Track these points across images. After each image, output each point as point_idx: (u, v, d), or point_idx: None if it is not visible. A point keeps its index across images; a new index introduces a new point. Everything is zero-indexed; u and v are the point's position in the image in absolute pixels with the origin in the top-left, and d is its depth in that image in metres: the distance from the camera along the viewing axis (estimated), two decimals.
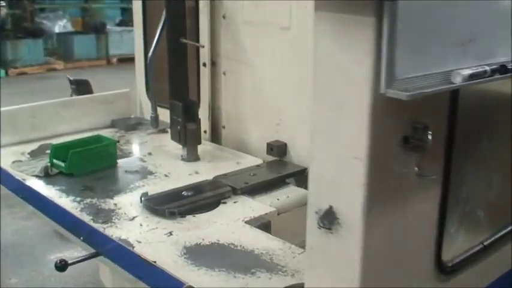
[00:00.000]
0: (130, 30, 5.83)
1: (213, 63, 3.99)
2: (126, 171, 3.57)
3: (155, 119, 3.91)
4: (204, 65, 3.99)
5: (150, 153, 3.86)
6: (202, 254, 2.56)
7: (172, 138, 3.81)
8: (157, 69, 4.03)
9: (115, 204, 3.06)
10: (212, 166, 3.64)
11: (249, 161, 3.71)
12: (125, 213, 2.95)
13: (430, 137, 1.67)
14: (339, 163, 1.64)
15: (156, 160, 3.74)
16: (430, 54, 1.61)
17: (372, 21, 1.48)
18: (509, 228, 2.35)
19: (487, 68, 1.65)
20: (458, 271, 2.10)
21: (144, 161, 3.74)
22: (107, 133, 4.21)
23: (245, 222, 2.89)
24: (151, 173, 3.53)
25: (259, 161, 3.68)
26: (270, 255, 2.56)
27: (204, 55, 3.98)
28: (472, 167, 2.11)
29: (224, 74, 3.97)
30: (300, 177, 3.48)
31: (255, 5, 3.64)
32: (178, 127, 3.68)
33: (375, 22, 1.48)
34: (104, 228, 2.80)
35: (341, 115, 1.61)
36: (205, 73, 4.00)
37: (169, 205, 2.96)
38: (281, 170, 3.48)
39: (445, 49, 1.65)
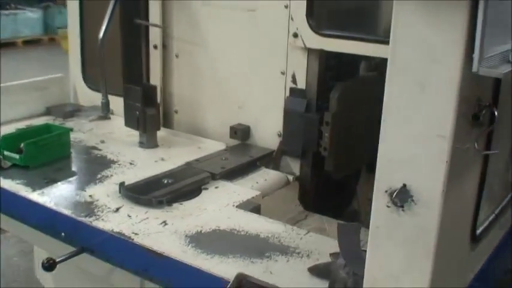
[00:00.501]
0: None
1: (164, 46, 3.83)
2: (85, 161, 3.34)
3: (106, 105, 3.69)
4: (155, 47, 3.82)
5: (103, 141, 3.64)
6: (209, 242, 2.47)
7: (127, 124, 3.63)
8: (93, 53, 3.82)
9: (90, 196, 2.87)
10: (175, 152, 3.52)
11: (211, 145, 3.62)
12: (106, 205, 2.77)
13: (496, 113, 1.74)
14: (418, 142, 1.65)
15: (112, 148, 3.54)
16: (496, 35, 1.66)
17: (467, 2, 1.49)
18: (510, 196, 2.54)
19: None
20: (481, 239, 2.21)
21: (99, 149, 3.53)
22: (43, 121, 3.92)
23: (236, 206, 2.82)
24: (113, 161, 3.34)
25: (222, 145, 3.60)
26: (276, 238, 2.54)
27: (156, 37, 3.80)
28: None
29: (177, 56, 3.83)
30: (268, 159, 3.47)
31: None
32: (137, 112, 3.50)
33: (470, 3, 1.49)
34: (91, 222, 2.60)
35: (423, 94, 1.61)
36: (156, 56, 3.83)
37: (153, 194, 2.83)
38: (250, 153, 3.44)
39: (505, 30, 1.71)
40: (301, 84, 3.34)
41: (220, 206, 2.82)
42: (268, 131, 3.52)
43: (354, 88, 3.42)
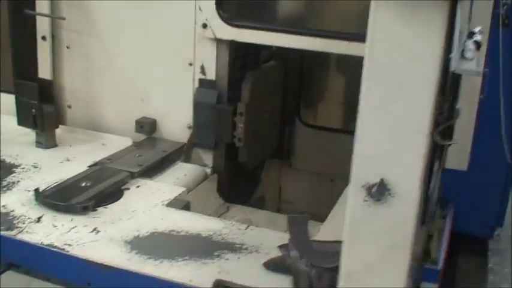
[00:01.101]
0: None
1: (53, 37, 3.55)
2: None
3: None
4: (44, 38, 3.52)
5: None
6: (152, 246, 2.37)
7: (22, 123, 3.33)
8: None
9: (4, 207, 2.60)
10: (78, 151, 3.30)
11: (116, 141, 3.45)
12: (25, 215, 2.54)
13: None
14: (396, 137, 1.70)
15: (8, 150, 3.23)
16: None
17: (446, 3, 1.56)
18: None
19: None
20: None
21: None
22: None
23: (166, 205, 2.73)
24: (14, 165, 3.06)
25: (128, 141, 3.45)
26: (219, 235, 2.50)
27: (44, 27, 3.50)
28: None
29: (68, 47, 3.57)
30: (179, 152, 3.39)
31: None
32: (33, 110, 3.22)
33: (449, 4, 1.56)
34: (15, 235, 2.37)
35: (401, 91, 1.66)
36: (44, 48, 3.52)
37: (75, 199, 2.64)
38: (162, 147, 3.33)
39: None
40: (211, 75, 3.28)
41: (149, 206, 2.71)
42: (177, 124, 3.43)
43: (262, 77, 3.45)
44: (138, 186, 2.90)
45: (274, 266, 2.26)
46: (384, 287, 1.83)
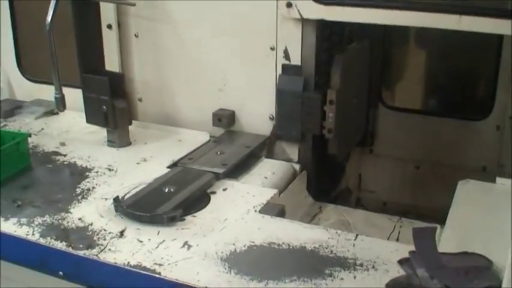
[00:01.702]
0: None
1: (119, 25, 3.27)
2: (52, 172, 2.77)
3: (61, 100, 3.06)
4: (110, 26, 3.25)
5: (63, 144, 3.07)
6: (252, 264, 2.07)
7: (91, 121, 3.08)
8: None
9: (80, 220, 2.35)
10: (154, 149, 3.03)
11: (192, 136, 3.17)
12: (105, 229, 2.27)
13: None
14: None
15: (78, 151, 2.99)
16: None
17: None
18: None
19: None
20: None
21: (63, 155, 2.96)
22: None
23: (259, 212, 2.42)
24: (87, 169, 2.80)
25: (205, 135, 3.16)
26: (326, 248, 2.18)
27: (109, 15, 3.22)
28: None
29: (136, 36, 3.28)
30: (261, 147, 3.08)
31: None
32: (104, 107, 2.95)
33: None
34: (96, 255, 2.10)
35: None
36: (111, 37, 3.26)
37: (160, 208, 2.35)
38: (244, 142, 3.03)
39: None
40: (296, 60, 2.93)
41: (241, 213, 2.41)
42: (257, 115, 3.12)
43: (350, 60, 3.09)
44: (224, 189, 2.61)
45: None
46: None
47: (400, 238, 2.70)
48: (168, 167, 2.80)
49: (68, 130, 3.24)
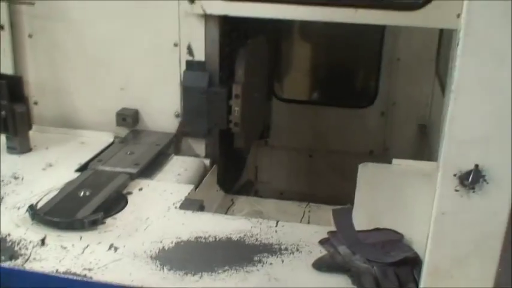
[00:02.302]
0: None
1: (12, 25, 3.13)
2: None
3: None
4: (2, 27, 3.10)
5: None
6: (183, 259, 2.11)
7: None
8: None
9: None
10: (58, 153, 2.95)
11: (95, 137, 3.13)
12: (24, 239, 2.19)
13: None
14: (493, 119, 1.53)
15: None
16: None
17: None
18: None
19: None
20: None
21: None
22: None
23: (179, 208, 2.46)
24: None
25: (109, 136, 3.12)
26: (251, 237, 2.27)
27: (1, 15, 3.07)
28: None
29: (30, 36, 3.15)
30: (170, 145, 3.10)
31: None
32: (3, 112, 2.83)
33: None
34: (22, 265, 2.04)
35: (501, 67, 1.48)
36: (4, 37, 3.11)
37: (80, 213, 2.31)
38: (152, 141, 3.03)
39: None
40: (199, 55, 2.99)
41: (162, 211, 2.43)
42: (162, 112, 3.13)
43: (252, 54, 3.19)
44: (140, 189, 2.60)
45: (326, 265, 2.05)
46: (473, 280, 1.67)
47: (310, 221, 2.85)
48: (77, 171, 2.74)
49: None
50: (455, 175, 1.59)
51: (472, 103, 1.53)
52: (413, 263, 2.00)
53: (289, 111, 4.37)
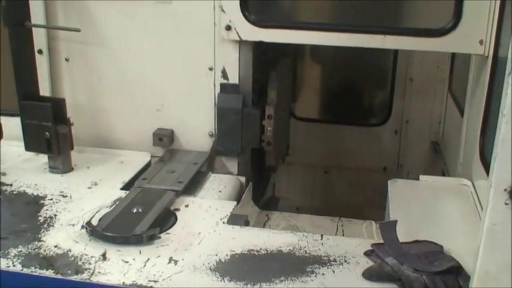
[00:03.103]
0: None
1: (50, 49, 3.27)
2: (5, 203, 2.73)
3: None
4: (40, 52, 3.23)
5: (4, 174, 3.00)
6: (240, 271, 2.24)
7: (31, 148, 3.06)
8: None
9: (56, 247, 2.36)
10: (99, 172, 3.07)
11: (133, 157, 3.26)
12: (86, 254, 2.32)
13: None
14: None
15: (22, 180, 2.95)
16: None
17: None
18: None
19: None
20: None
21: (8, 185, 2.90)
22: None
23: (227, 223, 2.60)
24: (40, 197, 2.79)
25: (146, 156, 3.26)
26: (300, 249, 2.41)
27: (40, 40, 3.21)
28: None
29: (67, 60, 3.29)
30: (209, 163, 3.25)
31: None
32: (47, 133, 2.95)
33: None
34: (89, 278, 2.16)
35: None
36: (42, 62, 3.25)
37: (137, 228, 2.44)
38: (189, 159, 3.17)
39: None
40: (233, 79, 3.14)
41: (211, 226, 2.57)
42: (197, 132, 3.28)
43: (282, 76, 3.36)
44: (187, 206, 2.74)
45: (376, 275, 2.20)
46: None
47: (345, 235, 3.00)
48: (122, 189, 2.86)
49: (1, 160, 3.15)
50: (505, 190, 1.75)
51: None
52: (457, 271, 2.15)
53: (306, 130, 4.54)
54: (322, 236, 2.51)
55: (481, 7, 2.74)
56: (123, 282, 2.13)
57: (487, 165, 2.45)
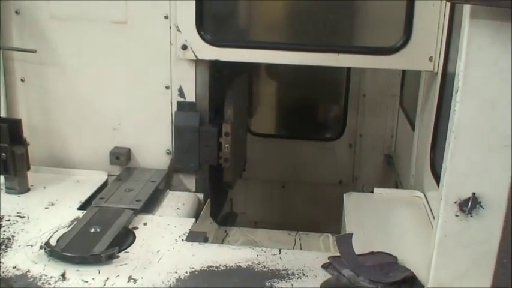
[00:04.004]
0: None
1: (4, 70, 3.24)
2: None
3: None
4: None
5: None
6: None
7: None
8: None
9: (15, 268, 2.34)
10: (56, 192, 3.06)
11: (89, 176, 3.25)
12: (45, 274, 2.31)
13: None
14: (488, 153, 1.79)
15: None
16: None
17: None
18: None
19: None
20: None
21: None
22: None
23: (186, 241, 2.62)
24: None
25: (103, 174, 3.26)
26: (259, 264, 2.45)
27: None
28: None
29: (22, 80, 3.27)
30: (167, 180, 3.27)
31: None
32: (3, 154, 2.93)
33: None
34: None
35: (493, 110, 1.75)
36: None
37: (95, 248, 2.44)
38: (147, 177, 3.18)
39: None
40: (190, 97, 3.18)
41: (170, 243, 2.58)
42: (154, 150, 3.30)
43: (237, 94, 3.41)
44: (145, 224, 2.75)
45: (333, 287, 2.25)
46: None
47: (303, 248, 3.06)
48: (79, 209, 2.86)
49: None
50: (455, 202, 1.85)
51: (468, 141, 1.79)
52: (411, 281, 2.23)
53: (263, 145, 4.60)
54: (280, 250, 2.55)
55: (430, 24, 2.85)
56: None
57: (437, 178, 2.56)
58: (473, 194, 1.83)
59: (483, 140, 1.79)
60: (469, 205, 1.83)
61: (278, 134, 4.77)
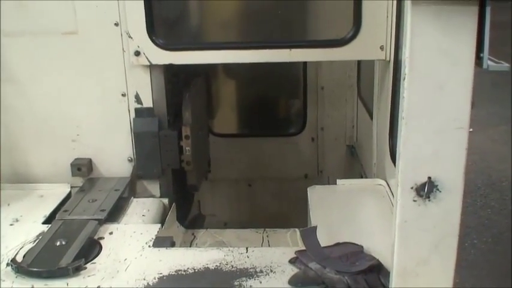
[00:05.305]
0: None
1: None
2: None
3: None
4: None
5: None
6: None
7: None
8: None
9: None
10: (20, 208, 3.03)
11: (52, 189, 3.22)
12: None
13: None
14: (440, 136, 1.83)
15: None
16: None
17: (475, 9, 1.71)
18: None
19: None
20: None
21: None
22: None
23: (153, 247, 2.62)
24: None
25: (66, 187, 3.23)
26: (227, 264, 2.47)
27: None
28: None
29: None
30: (131, 188, 3.25)
31: (20, 11, 3.05)
32: None
33: (477, 9, 1.71)
34: None
35: (442, 93, 1.78)
36: None
37: (62, 261, 2.42)
38: (110, 186, 3.16)
39: None
40: (147, 103, 3.17)
41: (137, 250, 2.58)
42: (115, 159, 3.27)
43: (195, 96, 3.42)
44: (111, 233, 2.74)
45: (301, 281, 2.28)
46: (436, 276, 1.95)
47: (271, 245, 3.08)
48: (44, 223, 2.83)
49: None
50: (412, 188, 1.88)
51: (420, 126, 1.83)
52: (378, 269, 2.28)
53: (226, 145, 4.60)
54: (247, 248, 2.57)
55: (379, 13, 2.89)
56: None
57: None
58: (429, 178, 1.87)
59: (434, 124, 1.82)
60: (426, 189, 1.86)
61: (240, 133, 4.78)
